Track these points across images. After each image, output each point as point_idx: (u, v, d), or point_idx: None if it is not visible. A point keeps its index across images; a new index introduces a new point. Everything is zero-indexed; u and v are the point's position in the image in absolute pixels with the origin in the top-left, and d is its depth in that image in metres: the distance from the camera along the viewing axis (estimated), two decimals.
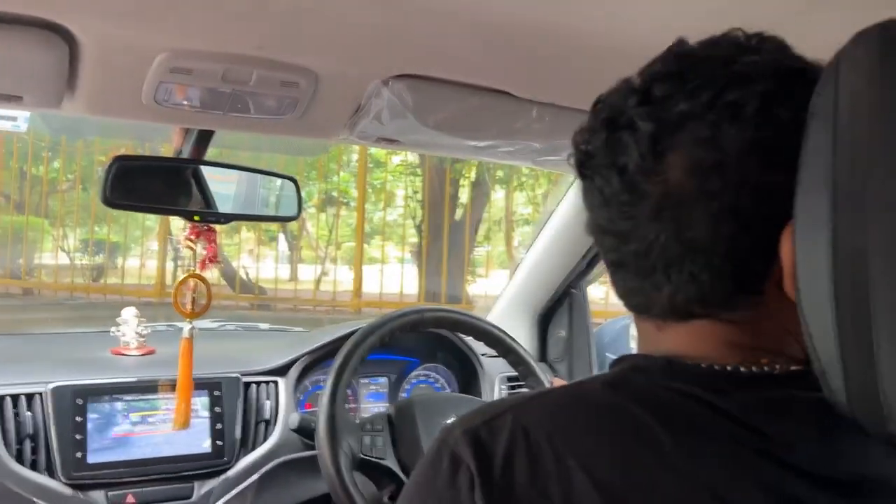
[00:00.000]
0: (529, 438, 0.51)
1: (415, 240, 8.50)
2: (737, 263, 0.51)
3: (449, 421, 1.25)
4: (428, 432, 1.25)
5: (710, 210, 0.51)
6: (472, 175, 8.41)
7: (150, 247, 9.21)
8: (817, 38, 0.54)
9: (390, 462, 1.23)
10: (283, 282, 8.64)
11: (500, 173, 8.43)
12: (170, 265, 8.42)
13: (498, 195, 8.87)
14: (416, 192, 8.63)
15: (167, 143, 1.36)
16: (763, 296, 0.52)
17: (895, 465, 0.50)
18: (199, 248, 1.19)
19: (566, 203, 1.71)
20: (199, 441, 1.34)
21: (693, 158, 0.51)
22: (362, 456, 1.22)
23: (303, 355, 1.51)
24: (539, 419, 0.53)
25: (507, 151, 1.28)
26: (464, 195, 8.62)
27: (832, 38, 0.48)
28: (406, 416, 1.28)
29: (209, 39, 0.87)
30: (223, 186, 1.21)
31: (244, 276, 8.38)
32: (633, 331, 1.93)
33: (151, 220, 8.32)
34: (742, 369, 0.52)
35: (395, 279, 8.11)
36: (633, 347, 1.91)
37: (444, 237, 7.65)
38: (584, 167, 0.58)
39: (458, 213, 8.28)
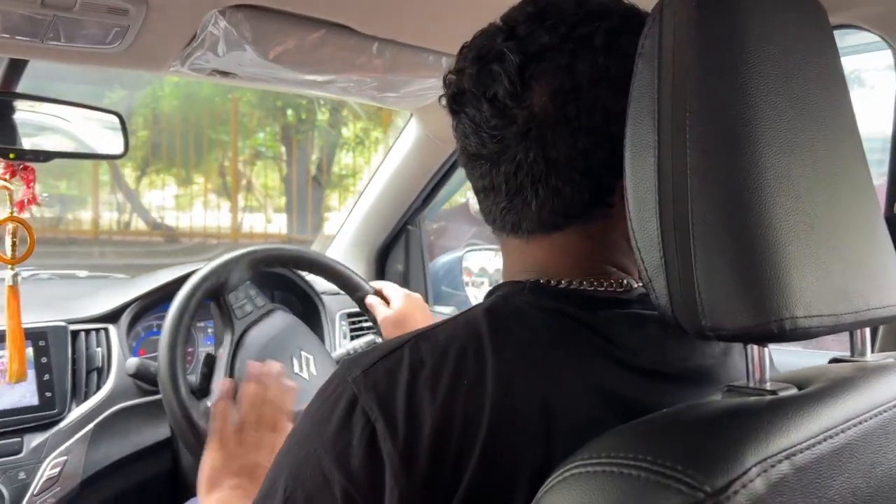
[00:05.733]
0: (425, 367, 0.55)
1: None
2: (592, 177, 0.60)
3: (302, 352, 1.28)
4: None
5: (569, 130, 0.58)
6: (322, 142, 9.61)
7: None
8: None
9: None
10: (225, 229, 9.17)
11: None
12: None
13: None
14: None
15: None
16: (612, 208, 0.61)
17: (708, 361, 0.62)
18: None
19: (400, 144, 1.74)
20: (25, 394, 1.25)
21: (554, 85, 0.59)
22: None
23: (134, 300, 1.45)
24: (431, 349, 0.56)
25: (345, 87, 1.28)
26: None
27: None
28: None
29: None
30: (41, 121, 1.12)
31: (157, 217, 8.92)
32: (466, 263, 2.02)
33: None
34: (597, 286, 0.61)
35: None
36: (466, 279, 2.01)
37: (293, 192, 8.95)
38: (456, 103, 0.64)
39: (313, 170, 9.48)
